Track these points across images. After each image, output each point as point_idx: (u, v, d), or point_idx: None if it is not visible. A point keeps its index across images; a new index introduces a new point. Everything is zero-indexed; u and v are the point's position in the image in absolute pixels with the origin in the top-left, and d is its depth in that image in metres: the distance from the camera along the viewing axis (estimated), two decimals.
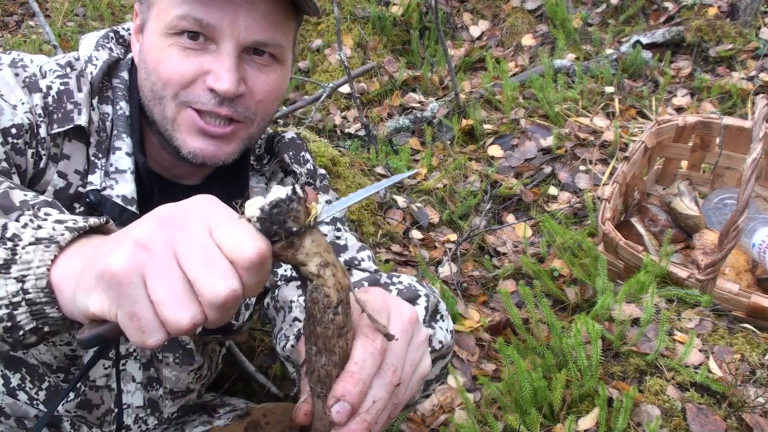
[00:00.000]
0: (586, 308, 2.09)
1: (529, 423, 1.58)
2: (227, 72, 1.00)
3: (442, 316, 1.08)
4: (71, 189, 1.06)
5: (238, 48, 1.01)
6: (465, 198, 2.73)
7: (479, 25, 3.99)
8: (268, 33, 1.03)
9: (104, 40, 1.16)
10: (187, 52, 1.01)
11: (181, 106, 1.04)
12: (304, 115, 3.20)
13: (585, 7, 3.95)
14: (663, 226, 2.25)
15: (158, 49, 1.03)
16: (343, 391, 0.62)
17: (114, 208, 1.06)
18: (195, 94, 1.03)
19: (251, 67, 1.05)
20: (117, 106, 1.11)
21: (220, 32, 1.00)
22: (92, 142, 1.07)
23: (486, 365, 2.06)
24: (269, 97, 1.08)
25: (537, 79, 3.19)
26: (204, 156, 1.06)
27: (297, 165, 1.28)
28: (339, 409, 0.61)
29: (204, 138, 1.05)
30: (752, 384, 1.57)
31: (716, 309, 1.81)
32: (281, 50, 1.06)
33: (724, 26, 3.49)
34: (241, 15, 0.99)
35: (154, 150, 1.15)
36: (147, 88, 1.07)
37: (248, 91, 1.05)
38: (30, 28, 4.20)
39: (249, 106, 1.06)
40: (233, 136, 1.07)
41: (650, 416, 1.50)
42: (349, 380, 0.63)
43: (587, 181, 2.78)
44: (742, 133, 2.38)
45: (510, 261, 2.46)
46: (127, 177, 1.08)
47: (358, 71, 3.27)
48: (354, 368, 0.63)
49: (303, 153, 1.31)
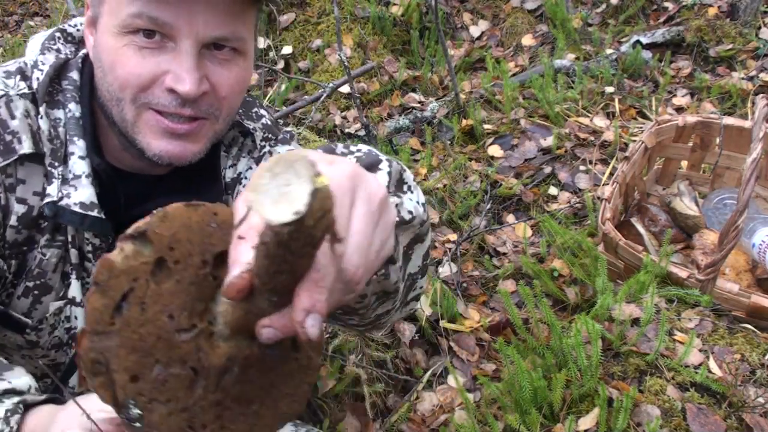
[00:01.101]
0: (586, 308, 2.09)
1: (529, 423, 1.58)
2: (187, 72, 0.95)
3: (409, 186, 0.96)
4: (33, 211, 1.03)
5: (198, 45, 0.96)
6: (465, 198, 2.73)
7: (479, 25, 3.99)
8: (228, 27, 0.97)
9: (50, 42, 1.11)
10: (143, 52, 0.96)
11: (141, 108, 0.99)
12: (304, 115, 3.20)
13: (585, 7, 3.95)
14: (663, 226, 2.25)
15: (113, 49, 0.97)
16: (312, 301, 0.56)
17: (73, 216, 1.02)
18: (155, 95, 0.98)
19: (212, 63, 0.99)
20: (66, 108, 1.06)
21: (178, 30, 0.94)
22: (46, 152, 1.03)
23: (486, 365, 2.06)
24: (233, 92, 1.03)
25: (537, 79, 3.19)
26: (170, 157, 1.02)
27: (249, 121, 1.21)
28: (313, 323, 0.55)
29: (169, 138, 1.01)
30: (752, 384, 1.57)
31: (716, 309, 1.81)
32: (243, 43, 1.01)
33: (724, 26, 3.49)
34: (198, 10, 0.94)
35: (116, 150, 1.10)
36: (104, 88, 1.02)
37: (211, 88, 1.00)
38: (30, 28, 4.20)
39: (213, 103, 1.01)
40: (199, 134, 1.03)
41: (650, 416, 1.50)
42: (314, 289, 0.56)
43: (587, 181, 2.78)
44: (742, 133, 2.38)
45: (510, 261, 2.46)
46: (83, 182, 1.03)
47: (358, 71, 3.27)
48: (317, 276, 0.56)
49: (255, 109, 1.24)
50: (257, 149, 1.20)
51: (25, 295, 1.07)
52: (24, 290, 1.07)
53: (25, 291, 1.07)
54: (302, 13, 3.70)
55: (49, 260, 1.06)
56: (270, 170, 0.48)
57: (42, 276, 1.07)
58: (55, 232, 1.06)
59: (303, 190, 0.47)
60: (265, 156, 1.20)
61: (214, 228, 0.66)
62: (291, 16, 3.71)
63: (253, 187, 0.48)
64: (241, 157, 1.21)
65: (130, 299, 0.63)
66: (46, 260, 1.06)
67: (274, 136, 1.22)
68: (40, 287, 1.07)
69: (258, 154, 1.20)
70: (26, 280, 1.06)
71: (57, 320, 1.11)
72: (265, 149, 1.20)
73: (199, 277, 0.65)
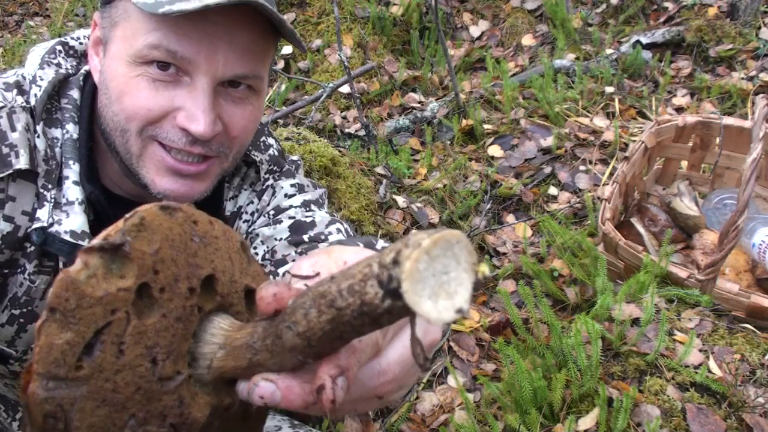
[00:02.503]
0: (586, 308, 2.09)
1: (529, 423, 1.58)
2: (203, 112, 0.91)
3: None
4: (20, 232, 0.97)
5: (214, 83, 0.92)
6: (465, 198, 2.73)
7: (479, 25, 3.99)
8: (247, 66, 0.94)
9: (50, 56, 1.05)
10: (156, 85, 0.92)
11: (147, 141, 0.95)
12: (304, 115, 3.20)
13: (585, 7, 3.95)
14: (663, 226, 2.25)
15: (124, 78, 0.93)
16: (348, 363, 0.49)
17: (62, 246, 0.97)
18: (164, 129, 0.94)
19: (226, 102, 0.96)
20: (64, 129, 1.01)
21: (196, 66, 0.90)
22: (40, 173, 0.98)
23: (486, 365, 2.06)
24: (245, 131, 1.00)
25: (537, 79, 3.19)
26: (176, 196, 0.97)
27: (257, 152, 1.17)
28: (342, 385, 0.48)
29: (175, 177, 0.97)
30: (752, 384, 1.57)
31: (716, 309, 1.81)
32: (259, 81, 0.98)
33: (724, 26, 3.49)
34: (220, 48, 0.90)
35: (116, 176, 1.06)
36: (108, 117, 0.97)
37: (223, 127, 0.96)
38: (30, 28, 4.20)
39: (223, 143, 0.98)
40: (207, 173, 0.99)
41: (650, 416, 1.50)
42: (353, 356, 0.50)
43: (587, 181, 2.78)
44: (742, 133, 2.38)
45: (510, 261, 2.46)
46: (75, 209, 0.98)
47: (358, 71, 3.27)
48: (358, 345, 0.50)
49: (263, 138, 1.20)
50: (260, 181, 1.18)
51: (10, 323, 1.01)
52: (9, 318, 1.01)
53: (9, 319, 1.01)
54: (302, 13, 3.70)
55: (38, 287, 1.01)
56: (428, 253, 0.40)
57: (29, 304, 1.01)
58: (43, 257, 1.00)
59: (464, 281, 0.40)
60: (268, 189, 1.17)
61: (197, 243, 0.57)
62: (291, 16, 3.71)
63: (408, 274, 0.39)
64: (243, 189, 1.18)
65: (104, 337, 0.50)
66: (34, 287, 1.00)
67: (279, 168, 1.19)
68: (26, 315, 1.02)
69: (261, 187, 1.18)
70: (11, 308, 1.01)
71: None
72: (268, 182, 1.18)
73: (185, 311, 0.54)
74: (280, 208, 1.15)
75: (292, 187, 1.18)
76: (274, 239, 1.11)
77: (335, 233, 1.12)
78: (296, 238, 1.10)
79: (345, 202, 2.38)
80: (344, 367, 0.49)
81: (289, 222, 1.12)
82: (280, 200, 1.16)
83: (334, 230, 1.12)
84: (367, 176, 2.69)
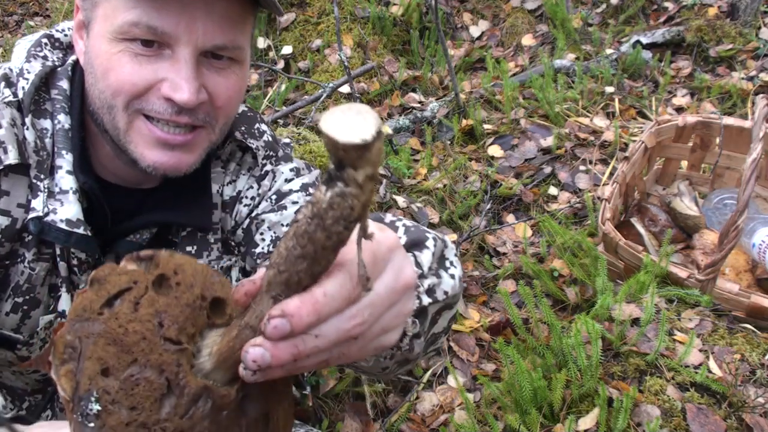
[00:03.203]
0: (586, 308, 2.09)
1: (529, 423, 1.58)
2: (186, 81, 0.93)
3: (451, 262, 0.97)
4: (17, 224, 1.00)
5: (196, 53, 0.94)
6: (465, 198, 2.73)
7: (479, 25, 3.99)
8: (227, 35, 0.95)
9: (36, 49, 1.07)
10: (139, 59, 0.93)
11: (134, 116, 0.97)
12: (304, 115, 3.20)
13: (585, 7, 3.96)
14: (663, 226, 2.25)
15: (107, 55, 0.94)
16: (295, 311, 0.54)
17: (59, 233, 0.99)
18: (149, 102, 0.95)
19: (210, 72, 0.97)
20: (56, 119, 1.02)
21: (177, 39, 0.92)
22: (32, 164, 1.00)
23: (486, 365, 2.06)
24: (230, 101, 1.01)
25: (537, 79, 3.19)
26: (165, 169, 0.99)
27: (252, 139, 1.19)
28: (277, 325, 0.53)
29: (163, 149, 0.98)
30: (752, 384, 1.57)
31: (716, 309, 1.81)
32: (240, 51, 1.00)
33: (724, 26, 3.49)
34: (198, 18, 0.92)
35: (108, 161, 1.07)
36: (95, 95, 0.99)
37: (208, 97, 0.98)
38: (30, 28, 4.20)
39: (209, 112, 0.99)
40: (194, 144, 1.00)
41: (650, 416, 1.50)
42: (307, 304, 0.54)
43: (587, 181, 2.78)
44: (742, 133, 2.38)
45: (510, 261, 2.46)
46: (70, 198, 1.00)
47: (358, 71, 3.28)
48: (320, 297, 0.55)
49: (257, 125, 1.22)
50: (258, 167, 1.19)
51: (14, 311, 1.04)
52: (12, 306, 1.04)
53: (13, 307, 1.04)
54: (302, 13, 3.70)
55: (38, 274, 1.03)
56: (342, 111, 0.50)
57: (31, 291, 1.04)
58: (41, 245, 1.03)
59: (370, 126, 0.49)
60: (268, 174, 1.19)
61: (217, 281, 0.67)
62: (291, 16, 3.71)
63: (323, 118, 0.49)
64: (241, 174, 1.20)
65: (125, 296, 0.61)
66: (35, 275, 1.03)
67: (275, 153, 1.21)
68: (29, 302, 1.04)
69: (260, 173, 1.19)
70: (14, 296, 1.03)
71: (48, 334, 1.09)
72: (266, 167, 1.19)
73: (195, 304, 0.63)
74: (281, 192, 1.18)
75: (291, 171, 1.21)
76: (281, 225, 1.13)
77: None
78: None
79: None
80: (289, 312, 0.54)
81: (293, 207, 1.14)
82: (281, 185, 1.19)
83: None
84: None
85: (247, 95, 3.43)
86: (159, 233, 1.12)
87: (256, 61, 3.52)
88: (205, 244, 1.16)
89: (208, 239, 1.16)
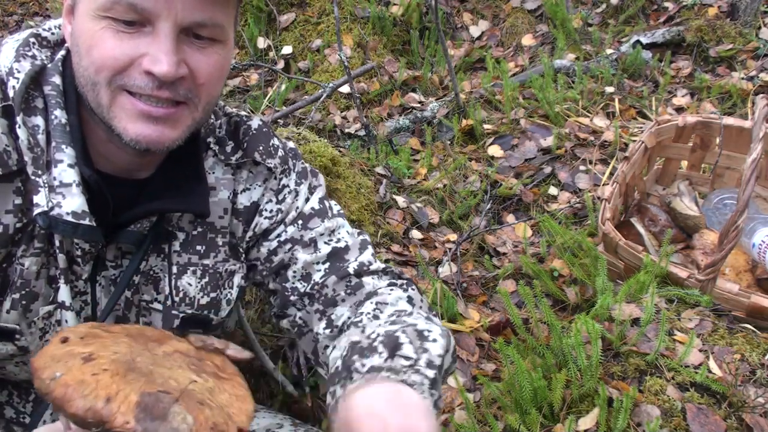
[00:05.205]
0: (586, 308, 2.09)
1: (529, 423, 1.58)
2: (165, 54, 0.95)
3: (429, 330, 1.05)
4: (9, 229, 1.01)
5: (176, 29, 0.96)
6: (465, 198, 2.73)
7: (479, 25, 3.99)
8: (207, 12, 0.97)
9: (25, 49, 1.08)
10: (121, 36, 0.96)
11: (117, 91, 0.99)
12: (304, 115, 3.20)
13: (585, 7, 3.96)
14: (663, 226, 2.25)
15: (90, 32, 0.97)
16: None
17: (66, 226, 1.01)
18: (131, 77, 0.97)
19: (191, 49, 0.99)
20: (52, 115, 1.04)
21: (156, 14, 0.94)
22: (27, 161, 1.01)
23: (486, 365, 2.06)
24: (212, 79, 1.03)
25: (537, 79, 3.19)
26: (147, 142, 1.00)
27: (270, 159, 1.23)
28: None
29: (146, 122, 1.00)
30: (752, 384, 1.57)
31: (716, 309, 1.81)
32: (221, 30, 1.01)
33: (724, 26, 3.49)
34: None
35: (102, 145, 1.09)
36: (80, 73, 1.01)
37: (189, 73, 1.00)
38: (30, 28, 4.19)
39: (191, 89, 1.01)
40: (177, 119, 1.02)
41: (650, 416, 1.50)
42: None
43: (587, 181, 2.78)
44: (742, 133, 2.38)
45: (510, 261, 2.46)
46: (73, 190, 1.02)
47: (358, 71, 3.28)
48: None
49: (272, 141, 1.25)
50: (276, 180, 1.24)
51: (14, 307, 1.05)
52: (12, 303, 1.05)
53: (12, 304, 1.05)
54: (302, 13, 3.70)
55: (29, 269, 1.04)
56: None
57: (26, 285, 1.05)
58: (30, 241, 1.04)
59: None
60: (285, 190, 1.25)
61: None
62: (291, 16, 3.71)
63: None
64: (256, 185, 1.24)
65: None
66: (26, 269, 1.04)
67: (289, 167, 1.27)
68: (26, 296, 1.05)
69: (277, 186, 1.24)
70: (11, 293, 1.04)
71: (47, 324, 1.09)
72: (283, 181, 1.25)
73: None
74: (304, 214, 1.25)
75: (308, 190, 1.28)
76: (314, 265, 1.24)
77: (374, 261, 1.24)
78: (338, 265, 1.23)
79: (345, 202, 2.38)
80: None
81: (327, 249, 1.23)
82: (301, 204, 1.26)
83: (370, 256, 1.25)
84: (367, 176, 2.69)
85: (247, 95, 3.44)
86: (158, 222, 1.14)
87: (256, 61, 3.52)
88: (213, 246, 1.19)
89: (216, 241, 1.19)
